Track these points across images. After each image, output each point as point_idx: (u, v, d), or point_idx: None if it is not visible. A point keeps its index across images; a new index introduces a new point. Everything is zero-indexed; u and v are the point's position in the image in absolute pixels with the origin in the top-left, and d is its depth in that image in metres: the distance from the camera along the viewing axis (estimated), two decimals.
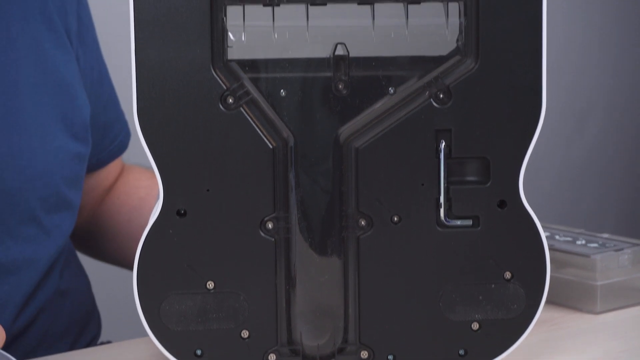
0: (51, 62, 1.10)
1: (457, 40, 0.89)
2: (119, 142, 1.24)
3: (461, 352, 0.91)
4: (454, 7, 0.89)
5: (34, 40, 1.08)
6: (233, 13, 0.87)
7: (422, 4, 0.89)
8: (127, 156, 1.29)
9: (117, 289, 1.50)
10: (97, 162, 1.23)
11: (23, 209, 1.05)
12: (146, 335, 0.90)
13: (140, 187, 1.28)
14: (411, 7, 0.89)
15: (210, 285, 0.89)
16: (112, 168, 1.27)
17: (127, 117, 1.26)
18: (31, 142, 1.06)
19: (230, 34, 0.88)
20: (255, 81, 0.88)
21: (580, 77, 2.74)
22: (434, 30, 0.90)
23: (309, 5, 0.88)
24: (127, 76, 0.88)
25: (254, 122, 0.88)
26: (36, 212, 1.06)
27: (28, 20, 1.08)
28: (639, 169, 2.87)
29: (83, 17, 1.16)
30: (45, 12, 1.10)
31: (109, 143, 1.23)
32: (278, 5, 0.87)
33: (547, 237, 0.92)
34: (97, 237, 1.28)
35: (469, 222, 0.91)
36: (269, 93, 0.88)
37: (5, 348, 0.90)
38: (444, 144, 0.90)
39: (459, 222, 0.91)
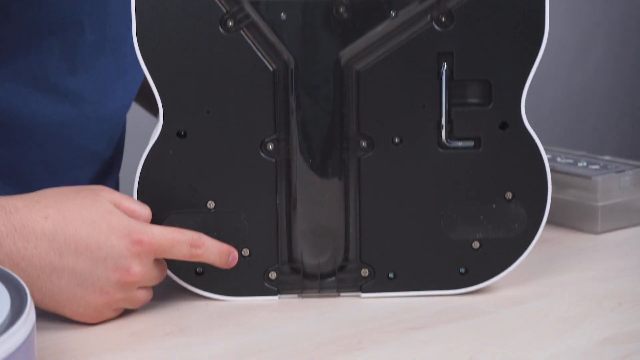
0: None
1: None
2: None
3: (462, 270, 0.92)
4: None
5: None
6: None
7: None
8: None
9: None
10: None
11: None
12: None
13: None
14: None
15: (211, 205, 0.90)
16: None
17: None
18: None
19: None
20: (255, 4, 0.88)
21: (584, 1, 2.73)
22: None
23: None
24: None
25: (255, 45, 0.88)
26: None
27: None
28: None
29: None
30: None
31: None
32: None
33: (548, 159, 0.93)
34: None
35: (471, 144, 0.91)
36: (270, 16, 0.88)
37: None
38: (445, 66, 0.90)
39: (460, 144, 0.91)
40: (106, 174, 1.15)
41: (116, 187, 1.20)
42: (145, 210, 0.88)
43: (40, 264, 0.81)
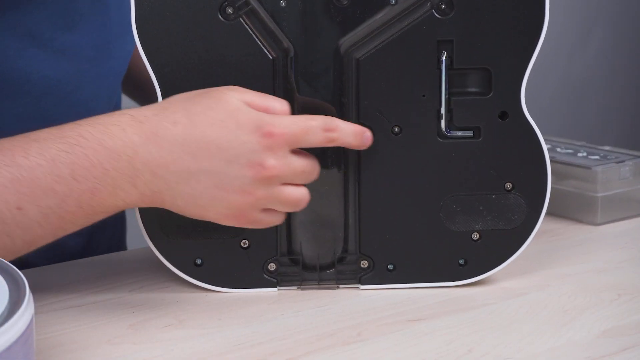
0: None
1: None
2: None
3: (461, 262, 0.92)
4: None
5: None
6: None
7: None
8: None
9: None
10: None
11: None
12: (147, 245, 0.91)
13: None
14: None
15: None
16: None
17: None
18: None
19: None
20: None
21: None
22: None
23: None
24: None
25: (254, 33, 0.88)
26: None
27: None
28: None
29: None
30: None
31: None
32: None
33: (548, 149, 0.92)
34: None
35: (470, 133, 0.91)
36: (269, 4, 0.88)
37: None
38: (445, 55, 0.89)
39: (460, 133, 0.91)
40: None
41: None
42: (282, 105, 0.85)
43: (176, 169, 0.81)
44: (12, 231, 0.80)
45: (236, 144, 0.81)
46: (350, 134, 0.86)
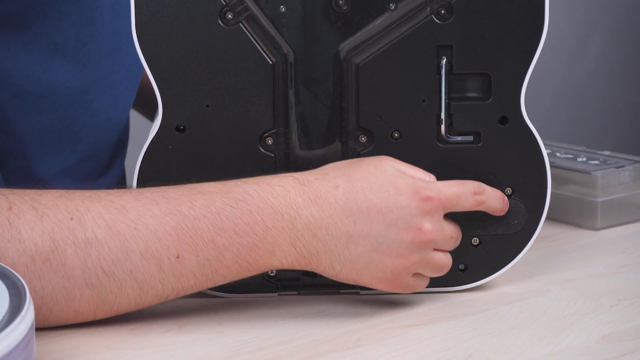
0: None
1: None
2: None
3: (461, 267, 0.92)
4: None
5: None
6: None
7: None
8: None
9: None
10: None
11: None
12: None
13: None
14: None
15: None
16: None
17: None
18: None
19: None
20: None
21: None
22: None
23: None
24: None
25: (254, 38, 0.88)
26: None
27: None
28: None
29: None
30: None
31: None
32: None
33: (548, 154, 0.92)
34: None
35: (470, 138, 0.91)
36: (269, 9, 0.88)
37: None
38: (445, 60, 0.89)
39: (459, 138, 0.91)
40: (122, 143, 1.16)
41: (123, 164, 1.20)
42: (430, 177, 0.88)
43: (336, 233, 0.82)
44: (166, 278, 0.81)
45: (396, 209, 0.83)
46: (496, 197, 0.89)
